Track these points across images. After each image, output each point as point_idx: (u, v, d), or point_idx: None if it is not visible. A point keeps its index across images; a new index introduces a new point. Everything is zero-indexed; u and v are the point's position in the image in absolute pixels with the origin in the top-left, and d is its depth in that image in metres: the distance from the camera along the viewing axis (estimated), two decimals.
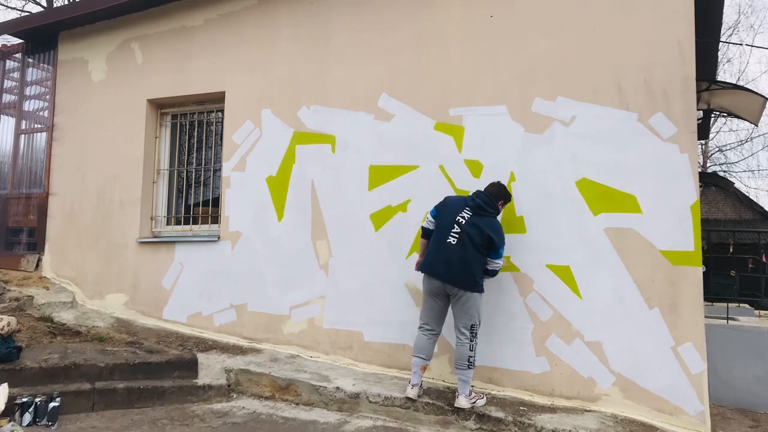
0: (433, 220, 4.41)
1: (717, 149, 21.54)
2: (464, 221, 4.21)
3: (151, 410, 4.45)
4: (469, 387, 4.25)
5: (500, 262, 4.28)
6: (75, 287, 6.61)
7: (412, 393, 4.31)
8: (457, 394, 4.24)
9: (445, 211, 4.35)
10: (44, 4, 16.46)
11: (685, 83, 4.36)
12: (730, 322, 5.79)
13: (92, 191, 6.64)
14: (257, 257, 5.71)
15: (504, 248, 4.27)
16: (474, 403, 4.22)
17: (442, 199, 4.51)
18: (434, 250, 4.29)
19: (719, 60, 14.88)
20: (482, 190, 4.44)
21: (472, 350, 4.20)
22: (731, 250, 8.41)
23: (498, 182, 4.52)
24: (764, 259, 8.24)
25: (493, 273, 4.33)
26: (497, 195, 4.41)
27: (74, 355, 4.75)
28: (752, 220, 18.04)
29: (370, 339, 5.18)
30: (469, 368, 4.21)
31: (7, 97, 7.70)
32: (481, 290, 4.23)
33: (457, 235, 4.18)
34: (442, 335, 4.91)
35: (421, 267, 4.40)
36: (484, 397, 4.36)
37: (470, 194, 4.42)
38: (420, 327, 4.42)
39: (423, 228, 4.49)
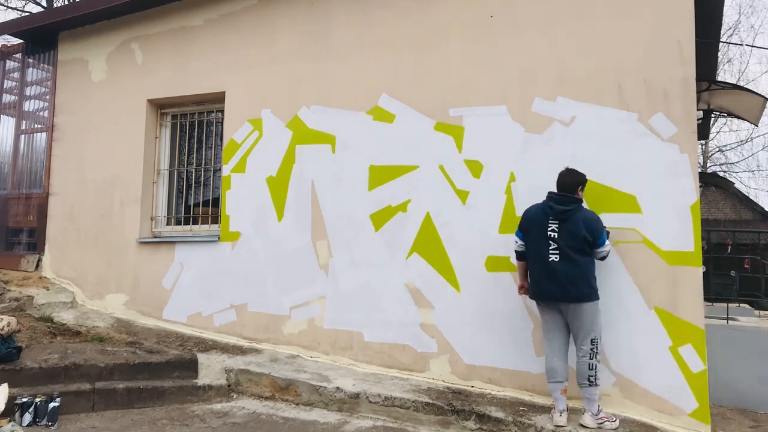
0: (522, 242, 4.23)
1: (717, 149, 21.55)
2: (557, 234, 4.00)
3: (151, 410, 4.45)
4: (597, 405, 4.00)
5: (605, 249, 4.03)
6: (75, 287, 6.61)
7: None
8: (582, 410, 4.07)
9: (531, 229, 4.15)
10: (44, 4, 16.45)
11: (685, 83, 4.36)
12: (730, 322, 5.78)
13: (92, 191, 6.64)
14: (257, 257, 5.71)
15: (605, 232, 4.05)
16: (601, 424, 3.95)
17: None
18: (540, 272, 4.09)
19: (719, 60, 14.88)
20: (555, 191, 4.16)
21: (593, 368, 3.94)
22: (729, 250, 8.41)
23: (565, 171, 4.21)
24: (746, 265, 8.20)
25: (602, 259, 4.11)
26: (571, 185, 4.13)
27: (74, 355, 4.75)
28: (752, 221, 18.04)
29: (370, 339, 5.18)
30: (591, 386, 3.96)
31: (7, 98, 7.70)
32: (594, 298, 4.00)
33: (558, 251, 3.99)
34: (443, 336, 4.93)
35: (532, 295, 4.24)
36: (617, 420, 4.04)
37: (546, 199, 4.17)
38: (546, 347, 4.21)
39: (516, 252, 4.32)
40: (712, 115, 10.88)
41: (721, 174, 20.31)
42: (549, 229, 4.05)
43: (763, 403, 5.13)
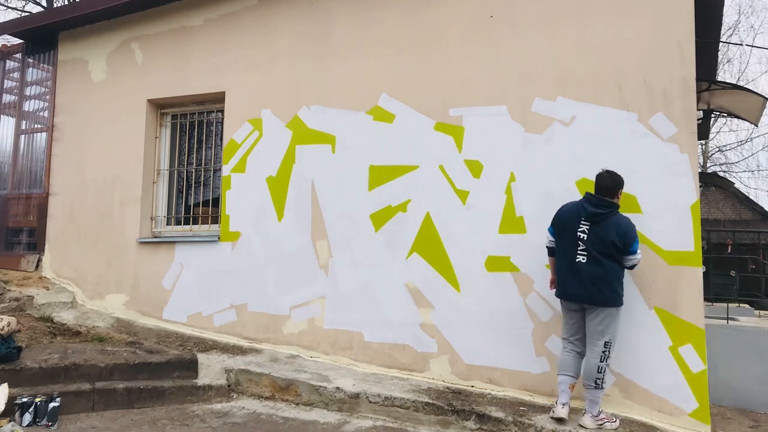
0: (553, 238, 4.22)
1: (717, 149, 21.57)
2: (586, 236, 3.97)
3: (151, 410, 4.45)
4: (598, 407, 4.00)
5: (635, 258, 3.96)
6: (75, 287, 6.61)
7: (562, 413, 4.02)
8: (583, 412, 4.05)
9: (562, 227, 4.13)
10: (44, 4, 16.45)
11: (685, 83, 4.36)
12: (730, 322, 5.78)
13: (92, 191, 6.64)
14: (257, 257, 5.71)
15: (637, 241, 3.96)
16: (602, 425, 3.95)
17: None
18: (565, 271, 4.08)
19: (719, 60, 14.88)
20: (593, 192, 4.10)
21: (601, 371, 3.93)
22: (729, 250, 8.41)
23: (605, 173, 4.11)
24: (753, 266, 8.22)
25: (632, 268, 4.05)
26: (611, 188, 4.06)
27: (74, 355, 4.75)
28: (752, 220, 18.06)
29: (370, 339, 5.18)
30: (596, 388, 3.96)
31: (7, 98, 7.70)
32: (617, 303, 3.97)
33: (585, 253, 3.96)
34: (443, 336, 4.93)
35: (557, 293, 4.22)
36: (617, 420, 4.05)
37: (582, 198, 4.13)
38: (563, 344, 4.22)
39: (547, 248, 4.31)
40: (712, 115, 10.89)
41: (721, 174, 20.32)
42: (579, 229, 4.00)
43: (763, 403, 5.13)
